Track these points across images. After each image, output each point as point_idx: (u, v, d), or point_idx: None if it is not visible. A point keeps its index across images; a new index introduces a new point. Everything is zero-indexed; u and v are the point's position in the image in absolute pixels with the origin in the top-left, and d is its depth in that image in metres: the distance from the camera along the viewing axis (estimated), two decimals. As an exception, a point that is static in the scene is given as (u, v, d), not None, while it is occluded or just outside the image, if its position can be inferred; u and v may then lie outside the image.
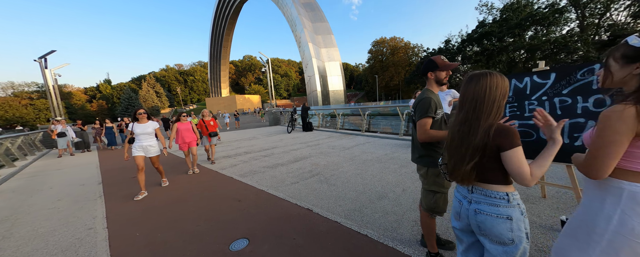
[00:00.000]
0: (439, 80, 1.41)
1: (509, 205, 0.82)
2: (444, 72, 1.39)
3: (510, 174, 0.82)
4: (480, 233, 0.87)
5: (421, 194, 1.46)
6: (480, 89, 0.83)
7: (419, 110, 1.33)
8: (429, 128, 1.30)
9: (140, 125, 3.42)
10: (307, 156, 5.33)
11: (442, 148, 1.33)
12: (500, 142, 0.80)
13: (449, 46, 30.41)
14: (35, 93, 67.89)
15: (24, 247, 2.24)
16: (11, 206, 3.45)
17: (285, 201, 2.85)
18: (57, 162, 7.19)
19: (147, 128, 3.44)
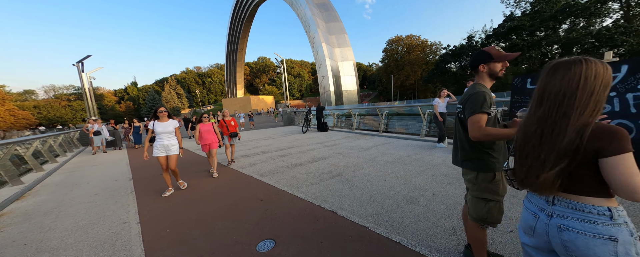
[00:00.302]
0: (493, 73, 1.25)
1: (613, 223, 0.67)
2: (500, 64, 1.23)
3: (613, 185, 0.66)
4: (567, 254, 0.72)
5: (468, 201, 1.32)
6: (572, 79, 0.69)
7: (471, 106, 1.18)
8: (484, 125, 1.14)
9: (161, 124, 3.40)
10: (325, 156, 5.27)
11: (497, 150, 1.19)
12: (601, 146, 0.66)
13: (471, 43, 28.80)
14: (72, 95, 74.57)
15: (67, 238, 2.39)
16: (55, 198, 3.75)
17: (308, 202, 2.81)
18: (92, 159, 7.77)
19: (168, 127, 3.43)
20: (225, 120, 5.15)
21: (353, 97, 33.44)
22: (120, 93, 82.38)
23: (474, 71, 1.30)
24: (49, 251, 2.16)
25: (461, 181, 2.97)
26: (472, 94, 1.21)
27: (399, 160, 4.35)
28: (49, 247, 2.22)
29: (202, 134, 4.46)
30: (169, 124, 3.45)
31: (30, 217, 3.02)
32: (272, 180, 3.82)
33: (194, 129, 9.43)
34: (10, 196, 3.87)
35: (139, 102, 74.93)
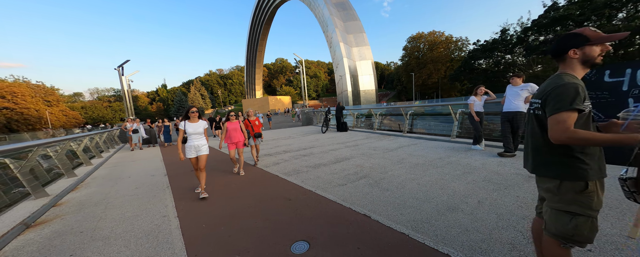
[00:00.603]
0: (588, 60, 1.01)
1: None
2: (598, 47, 0.99)
3: None
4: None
5: (545, 214, 1.11)
6: None
7: (556, 100, 0.97)
8: (572, 126, 0.93)
9: (192, 125, 3.35)
10: (348, 156, 5.16)
11: (590, 155, 0.98)
12: None
13: (505, 36, 26.38)
14: (112, 97, 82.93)
15: (116, 228, 2.59)
16: (103, 191, 4.12)
17: (337, 203, 2.74)
18: (130, 155, 8.49)
19: (198, 128, 3.38)
20: (250, 120, 5.13)
21: (371, 97, 32.80)
22: (152, 95, 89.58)
23: (558, 59, 1.08)
24: (102, 239, 2.34)
25: (510, 188, 2.69)
26: (558, 86, 0.98)
27: (430, 162, 4.10)
28: (102, 236, 2.42)
29: (230, 132, 4.48)
30: (199, 125, 3.41)
31: (83, 207, 3.33)
32: (297, 179, 3.82)
33: (219, 128, 9.84)
34: (67, 187, 4.33)
35: (168, 103, 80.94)
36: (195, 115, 3.41)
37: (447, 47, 39.63)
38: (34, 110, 48.40)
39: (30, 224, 2.83)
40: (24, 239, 2.47)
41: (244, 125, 4.84)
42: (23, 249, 2.27)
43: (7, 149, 2.97)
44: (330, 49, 34.27)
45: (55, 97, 57.36)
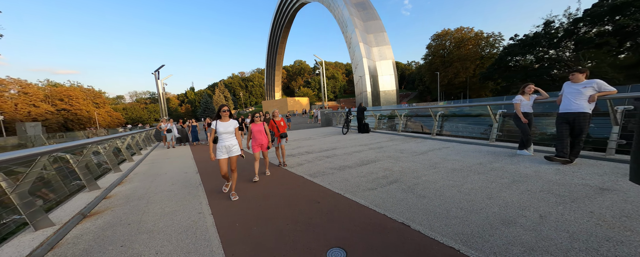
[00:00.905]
0: None
1: None
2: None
3: None
4: None
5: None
6: None
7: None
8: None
9: (223, 124, 3.26)
10: (374, 159, 4.98)
11: None
12: None
13: (549, 29, 23.61)
14: (148, 99, 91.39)
15: (159, 222, 2.75)
16: (144, 186, 4.46)
17: (369, 209, 2.61)
18: (165, 153, 9.17)
19: (229, 127, 3.27)
20: (275, 121, 4.96)
21: (391, 98, 31.78)
22: (181, 97, 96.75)
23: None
24: (147, 233, 2.50)
25: (578, 201, 2.32)
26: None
27: (469, 168, 3.76)
28: (147, 229, 2.58)
29: (254, 134, 4.33)
30: (230, 124, 3.30)
31: (129, 201, 3.62)
32: (323, 181, 3.76)
33: (243, 129, 10.21)
34: (114, 181, 4.77)
35: (195, 104, 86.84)
36: (227, 114, 3.30)
37: (477, 44, 36.62)
38: (85, 111, 55.20)
39: (86, 214, 3.14)
40: (82, 228, 2.73)
41: (267, 127, 4.68)
42: (81, 238, 2.50)
43: (73, 145, 3.34)
44: (350, 50, 33.95)
45: (102, 99, 64.90)
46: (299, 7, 49.78)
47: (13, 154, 2.16)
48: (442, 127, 6.80)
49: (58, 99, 52.52)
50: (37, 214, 2.67)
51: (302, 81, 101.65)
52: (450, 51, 38.41)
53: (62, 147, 3.14)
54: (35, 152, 2.47)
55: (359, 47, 30.44)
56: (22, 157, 2.30)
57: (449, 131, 8.08)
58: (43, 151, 2.65)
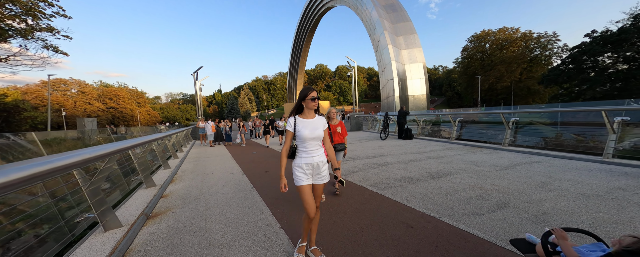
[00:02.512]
0: None
1: None
2: None
3: None
4: None
5: None
6: None
7: None
8: None
9: (308, 123, 1.81)
10: (444, 171, 4.29)
11: None
12: None
13: (637, 22, 19.95)
14: (181, 100, 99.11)
15: (226, 232, 2.42)
16: (196, 185, 4.31)
17: (498, 246, 1.92)
18: (204, 151, 9.35)
19: (318, 129, 1.82)
20: (331, 125, 3.38)
21: (421, 103, 29.99)
22: (210, 98, 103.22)
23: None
24: (219, 246, 2.17)
25: None
26: None
27: (610, 194, 2.87)
28: (217, 242, 2.26)
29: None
30: (318, 123, 1.84)
31: (186, 202, 3.43)
32: (396, 196, 3.20)
33: (268, 132, 10.11)
34: (166, 179, 4.72)
35: (222, 106, 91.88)
36: (315, 104, 1.80)
37: (526, 45, 32.69)
38: (129, 109, 61.32)
39: (149, 215, 2.97)
40: (148, 232, 2.51)
41: None
42: (150, 245, 2.26)
43: (139, 142, 3.24)
44: (377, 53, 33.00)
45: (144, 99, 71.72)
46: (325, 11, 50.18)
47: (96, 151, 1.96)
48: (516, 136, 5.81)
49: (108, 98, 59.15)
50: (107, 213, 2.51)
51: (323, 85, 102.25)
52: (491, 53, 34.89)
53: (137, 143, 3.03)
54: (115, 148, 2.30)
55: (388, 50, 29.39)
56: (105, 154, 2.12)
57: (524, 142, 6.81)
58: (123, 147, 2.49)
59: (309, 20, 54.53)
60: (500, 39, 34.56)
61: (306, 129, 1.80)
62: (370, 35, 34.12)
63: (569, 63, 24.81)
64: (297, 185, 1.81)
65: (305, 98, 1.81)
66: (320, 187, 1.89)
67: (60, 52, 15.35)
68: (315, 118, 1.88)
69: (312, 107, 1.82)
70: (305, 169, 1.81)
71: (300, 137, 1.80)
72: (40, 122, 31.00)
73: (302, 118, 1.84)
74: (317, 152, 1.85)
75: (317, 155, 1.84)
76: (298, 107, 1.86)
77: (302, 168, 1.81)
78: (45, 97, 38.55)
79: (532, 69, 32.42)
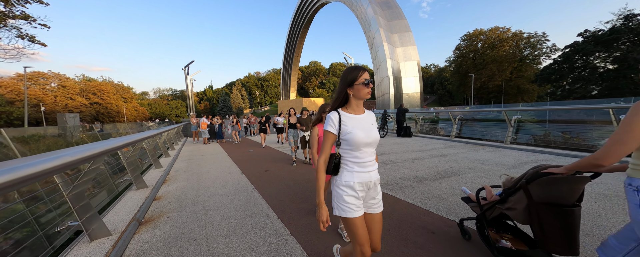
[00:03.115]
0: None
1: None
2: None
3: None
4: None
5: None
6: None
7: None
8: None
9: (356, 119, 1.24)
10: (451, 170, 4.20)
11: None
12: None
13: (634, 23, 20.55)
14: (170, 96, 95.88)
15: (230, 241, 2.20)
16: (191, 186, 4.02)
17: None
18: (197, 149, 8.93)
19: (372, 128, 1.26)
20: None
21: (415, 101, 30.30)
22: (201, 95, 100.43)
23: None
24: (225, 257, 1.95)
25: None
26: None
27: None
28: (221, 252, 2.03)
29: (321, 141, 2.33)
30: (370, 119, 1.29)
31: (182, 205, 3.15)
32: (408, 197, 3.06)
33: (265, 131, 9.63)
34: (159, 179, 4.39)
35: (214, 102, 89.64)
36: (369, 92, 1.23)
37: (516, 45, 33.54)
38: (115, 105, 58.65)
39: (142, 221, 2.69)
40: (142, 241, 2.25)
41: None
42: (145, 256, 2.01)
43: (129, 141, 2.92)
44: (372, 50, 32.92)
45: (130, 94, 68.78)
46: (320, 7, 49.50)
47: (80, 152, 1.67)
48: (518, 135, 5.82)
49: (91, 93, 56.26)
50: (93, 220, 2.22)
51: (317, 82, 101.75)
52: (483, 52, 35.64)
53: (127, 142, 2.72)
54: (103, 149, 2.00)
55: (383, 47, 29.38)
56: (91, 156, 1.83)
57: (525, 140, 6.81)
58: (112, 146, 2.19)
59: (303, 16, 53.70)
60: (492, 38, 35.35)
61: (359, 129, 1.19)
62: (365, 32, 33.97)
63: (562, 62, 25.60)
64: (346, 217, 1.17)
65: (354, 82, 1.19)
66: (378, 218, 1.27)
67: (37, 43, 14.24)
68: (366, 113, 1.29)
69: (364, 96, 1.21)
70: (358, 190, 1.19)
71: (351, 142, 1.18)
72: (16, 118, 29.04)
73: (350, 113, 1.24)
74: (372, 165, 1.24)
75: (373, 168, 1.24)
76: (343, 97, 1.24)
77: (354, 189, 1.18)
78: (22, 91, 36.12)
79: (521, 69, 33.35)
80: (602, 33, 22.32)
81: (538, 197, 1.37)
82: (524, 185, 1.42)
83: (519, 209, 1.46)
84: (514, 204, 1.50)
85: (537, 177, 1.35)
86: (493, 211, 1.68)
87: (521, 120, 6.15)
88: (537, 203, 1.37)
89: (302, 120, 5.30)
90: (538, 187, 1.36)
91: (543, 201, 1.36)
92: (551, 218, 1.34)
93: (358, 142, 1.18)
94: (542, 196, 1.35)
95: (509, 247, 1.64)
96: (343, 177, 1.21)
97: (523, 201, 1.44)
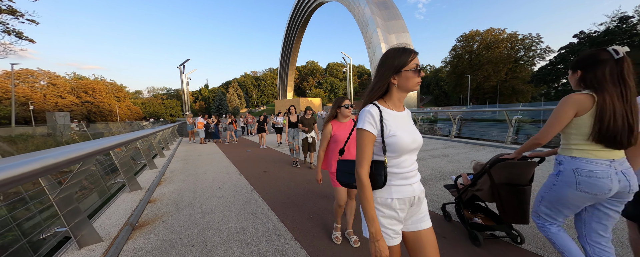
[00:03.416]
0: None
1: None
2: None
3: None
4: None
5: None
6: None
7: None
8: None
9: (398, 118, 0.96)
10: (456, 172, 4.14)
11: None
12: None
13: (627, 25, 21.35)
14: (164, 95, 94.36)
15: (231, 246, 2.08)
16: (188, 187, 3.86)
17: None
18: (193, 149, 8.72)
19: (416, 132, 1.00)
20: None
21: (412, 101, 30.49)
22: (196, 94, 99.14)
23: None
24: (226, 264, 1.83)
25: None
26: None
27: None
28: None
29: (337, 138, 1.99)
30: (410, 119, 1.04)
31: (179, 208, 3.01)
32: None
33: (263, 130, 9.26)
34: (153, 180, 4.22)
35: (209, 101, 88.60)
36: (418, 82, 0.95)
37: (511, 46, 34.13)
38: (107, 104, 57.34)
39: (135, 225, 2.54)
40: (136, 248, 2.11)
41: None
42: (139, 264, 1.87)
43: (123, 141, 2.76)
44: (369, 50, 33.00)
45: (123, 93, 67.37)
46: (317, 7, 49.39)
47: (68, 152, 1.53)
48: (518, 134, 5.82)
49: (83, 92, 54.88)
50: (83, 225, 2.07)
51: (314, 82, 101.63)
52: (478, 53, 36.15)
53: (120, 142, 2.56)
54: (94, 149, 1.86)
55: (381, 48, 29.47)
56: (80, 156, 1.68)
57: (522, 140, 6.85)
58: (104, 146, 2.05)
59: (300, 15, 53.51)
60: (487, 40, 35.88)
61: (404, 131, 0.94)
62: (363, 32, 34.02)
63: (557, 63, 26.13)
64: (389, 245, 0.94)
65: (403, 68, 0.93)
66: (429, 235, 0.98)
67: (24, 39, 13.75)
68: (406, 110, 1.04)
69: (413, 86, 0.94)
70: (399, 209, 0.94)
71: (394, 147, 0.92)
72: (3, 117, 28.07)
73: (391, 109, 0.97)
74: (415, 176, 0.99)
75: (416, 180, 0.99)
76: (384, 87, 0.97)
77: (393, 208, 0.93)
78: (9, 89, 34.92)
79: (516, 70, 33.95)
80: (597, 34, 22.91)
81: (498, 179, 1.68)
82: (487, 169, 1.73)
83: (485, 190, 1.77)
84: (481, 185, 1.81)
85: (497, 162, 1.66)
86: (467, 193, 1.97)
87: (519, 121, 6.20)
88: (498, 184, 1.68)
89: (305, 121, 4.93)
90: (498, 171, 1.67)
91: (502, 181, 1.67)
92: (509, 196, 1.66)
93: (403, 147, 0.92)
94: (502, 177, 1.67)
95: (480, 223, 2.00)
96: (379, 193, 0.94)
97: (487, 183, 1.74)
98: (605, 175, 1.12)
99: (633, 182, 1.13)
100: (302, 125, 4.96)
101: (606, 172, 1.12)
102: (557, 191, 1.27)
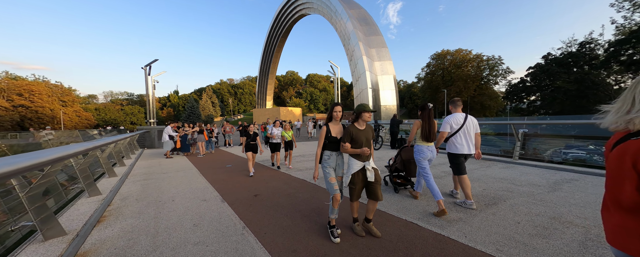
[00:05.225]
0: None
1: None
2: None
3: None
4: None
5: None
6: None
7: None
8: None
9: None
10: (489, 194, 3.61)
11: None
12: None
13: (585, 50, 24.10)
14: (125, 100, 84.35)
15: None
16: (146, 227, 2.64)
17: None
18: (157, 164, 7.07)
19: None
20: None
21: (392, 113, 31.45)
22: (163, 100, 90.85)
23: None
24: None
25: None
26: None
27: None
28: None
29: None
30: None
31: (126, 271, 1.85)
32: (467, 237, 2.29)
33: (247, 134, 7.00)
34: (90, 218, 2.87)
35: (179, 109, 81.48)
36: None
37: (477, 65, 38.27)
38: (49, 109, 48.67)
39: None
40: None
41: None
42: None
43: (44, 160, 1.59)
44: (351, 63, 33.83)
45: (71, 97, 58.15)
46: (299, 18, 50.13)
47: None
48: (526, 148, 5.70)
49: (16, 94, 45.93)
50: None
51: (294, 92, 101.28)
52: (450, 70, 39.74)
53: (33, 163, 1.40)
54: None
55: (362, 60, 30.41)
56: None
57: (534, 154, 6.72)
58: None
59: (282, 24, 53.66)
60: (456, 59, 39.81)
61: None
62: (345, 45, 34.99)
63: (529, 81, 29.39)
64: None
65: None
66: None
67: None
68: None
69: None
70: None
71: None
72: None
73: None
74: None
75: None
76: None
77: None
78: None
79: (482, 87, 37.87)
80: (563, 56, 26.52)
81: (404, 157, 3.57)
82: (399, 152, 3.70)
83: (398, 163, 3.65)
84: (398, 162, 3.68)
85: (402, 148, 3.67)
86: (391, 167, 3.82)
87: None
88: (403, 160, 3.58)
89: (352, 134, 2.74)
90: (403, 152, 3.62)
91: (405, 158, 3.55)
92: (410, 165, 3.51)
93: None
94: (405, 156, 3.56)
95: (398, 182, 3.68)
96: None
97: (400, 160, 3.64)
98: (426, 150, 3.06)
99: (434, 154, 3.10)
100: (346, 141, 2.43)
101: (427, 149, 3.07)
102: (417, 158, 3.13)
